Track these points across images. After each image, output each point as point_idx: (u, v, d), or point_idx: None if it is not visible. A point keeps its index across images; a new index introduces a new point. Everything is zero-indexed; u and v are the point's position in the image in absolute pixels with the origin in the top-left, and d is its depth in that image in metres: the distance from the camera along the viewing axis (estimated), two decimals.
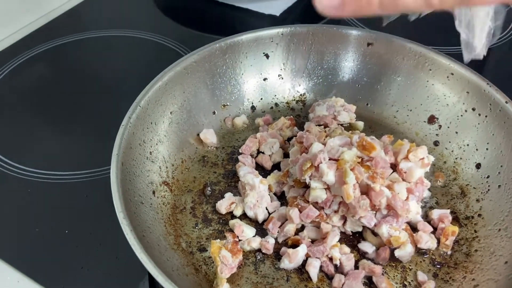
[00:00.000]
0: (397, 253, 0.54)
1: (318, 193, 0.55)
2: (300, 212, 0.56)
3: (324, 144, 0.57)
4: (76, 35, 0.94)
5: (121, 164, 0.53)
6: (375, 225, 0.55)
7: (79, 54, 0.90)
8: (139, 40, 0.93)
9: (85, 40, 0.93)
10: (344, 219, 0.57)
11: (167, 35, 0.94)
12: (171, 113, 0.66)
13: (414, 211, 0.56)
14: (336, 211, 0.56)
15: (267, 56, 0.75)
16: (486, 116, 0.62)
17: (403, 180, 0.56)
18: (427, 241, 0.55)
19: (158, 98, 0.64)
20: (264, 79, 0.76)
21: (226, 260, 0.52)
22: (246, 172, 0.62)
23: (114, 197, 0.49)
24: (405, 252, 0.54)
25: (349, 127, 0.72)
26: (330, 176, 0.53)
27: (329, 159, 0.55)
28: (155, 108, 0.63)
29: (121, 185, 0.51)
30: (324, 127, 0.68)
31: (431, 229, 0.57)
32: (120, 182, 0.51)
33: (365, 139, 0.56)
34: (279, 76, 0.76)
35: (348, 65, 0.75)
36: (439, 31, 0.95)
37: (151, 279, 0.55)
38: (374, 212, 0.55)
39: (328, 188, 0.55)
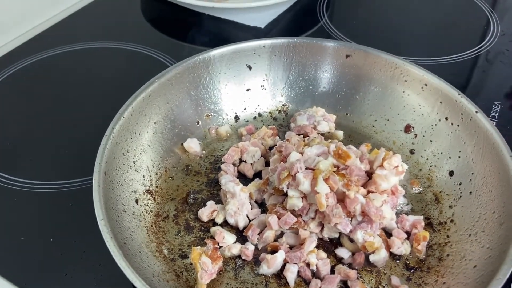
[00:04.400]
0: (371, 258, 0.56)
1: (294, 201, 0.57)
2: (279, 219, 0.58)
3: (302, 154, 0.59)
4: (64, 47, 0.95)
5: (104, 173, 0.55)
6: (350, 231, 0.57)
7: (66, 66, 0.92)
8: (126, 51, 0.95)
9: (73, 52, 0.95)
10: (322, 225, 0.59)
11: (154, 46, 0.96)
12: (155, 123, 0.68)
13: (389, 217, 0.58)
14: (313, 218, 0.58)
15: (250, 67, 0.77)
16: (458, 125, 0.65)
17: (376, 190, 0.58)
18: (400, 246, 0.56)
19: (142, 109, 0.66)
20: (247, 90, 0.78)
21: (206, 266, 0.54)
22: (227, 180, 0.64)
23: (95, 205, 0.50)
24: (379, 257, 0.56)
25: (330, 136, 0.74)
26: (306, 185, 0.55)
27: (306, 169, 0.57)
28: (139, 118, 0.65)
29: (103, 193, 0.53)
30: (304, 137, 0.71)
31: (405, 236, 0.59)
32: (102, 191, 0.53)
33: (341, 148, 0.58)
34: (261, 86, 0.78)
35: (328, 76, 0.77)
36: (413, 43, 0.99)
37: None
38: (350, 218, 0.57)
39: (304, 196, 0.57)
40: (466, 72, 0.91)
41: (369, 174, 0.61)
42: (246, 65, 0.77)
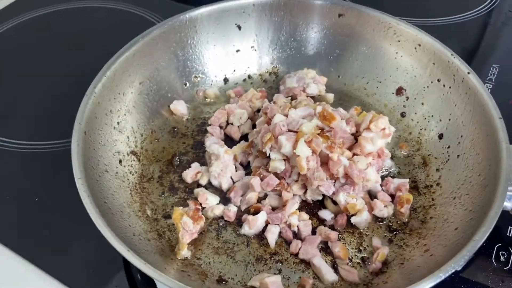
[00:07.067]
0: (353, 219, 0.56)
1: (277, 164, 0.56)
2: (262, 181, 0.57)
3: (287, 116, 0.58)
4: (53, 6, 0.93)
5: (84, 132, 0.54)
6: (333, 193, 0.56)
7: (49, 27, 0.90)
8: (111, 10, 0.93)
9: (56, 12, 0.93)
10: (305, 188, 0.58)
11: (139, 4, 0.93)
12: (140, 83, 0.67)
13: (374, 180, 0.57)
14: (296, 181, 0.57)
15: (239, 27, 0.75)
16: (450, 87, 0.63)
17: (361, 153, 0.57)
18: (382, 209, 0.56)
19: (125, 68, 0.64)
20: (237, 51, 0.76)
21: (187, 226, 0.54)
22: (212, 142, 0.63)
23: (73, 164, 0.50)
24: (361, 219, 0.55)
25: (320, 99, 0.72)
26: (287, 148, 0.54)
27: (290, 131, 0.56)
28: (122, 78, 0.64)
29: (83, 153, 0.52)
30: (293, 99, 0.69)
31: (390, 199, 0.58)
32: (81, 150, 0.52)
33: (326, 109, 0.57)
34: (252, 47, 0.76)
35: (320, 36, 0.75)
36: (412, 2, 0.95)
37: None
38: (333, 181, 0.57)
39: (287, 159, 0.56)
40: (465, 34, 0.87)
41: (356, 137, 0.60)
42: (235, 24, 0.74)
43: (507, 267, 0.54)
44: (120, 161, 0.60)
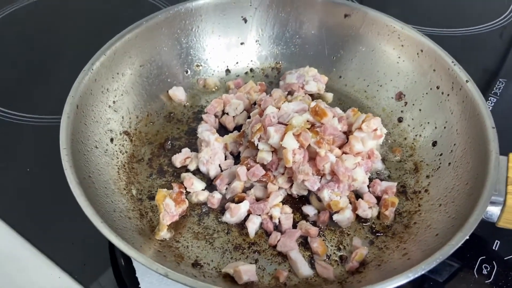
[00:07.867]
0: (335, 217, 0.55)
1: (264, 155, 0.56)
2: (248, 170, 0.57)
3: (279, 108, 0.58)
4: None
5: (76, 106, 0.55)
6: (318, 189, 0.56)
7: (63, 7, 0.92)
8: None
9: None
10: (291, 182, 0.58)
11: None
12: (141, 66, 0.68)
13: (361, 180, 0.57)
14: (282, 174, 0.57)
15: (245, 20, 0.75)
16: (448, 95, 0.62)
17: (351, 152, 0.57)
18: (366, 209, 0.55)
19: (126, 50, 0.65)
20: (241, 43, 0.76)
21: (168, 208, 0.54)
22: (204, 129, 0.63)
23: (61, 134, 0.51)
24: (343, 217, 0.55)
25: (319, 98, 0.72)
26: (275, 139, 0.54)
27: (280, 123, 0.56)
28: (122, 59, 0.65)
29: (73, 125, 0.53)
30: (289, 95, 0.69)
31: (375, 201, 0.58)
32: (71, 123, 0.53)
33: (319, 105, 0.56)
34: (256, 41, 0.76)
35: (325, 36, 0.75)
36: (416, 10, 0.94)
37: None
38: (320, 177, 0.56)
39: (275, 151, 0.56)
40: (477, 47, 0.86)
41: (348, 137, 0.59)
42: (241, 17, 0.75)
43: (488, 280, 0.53)
44: (112, 140, 0.61)
